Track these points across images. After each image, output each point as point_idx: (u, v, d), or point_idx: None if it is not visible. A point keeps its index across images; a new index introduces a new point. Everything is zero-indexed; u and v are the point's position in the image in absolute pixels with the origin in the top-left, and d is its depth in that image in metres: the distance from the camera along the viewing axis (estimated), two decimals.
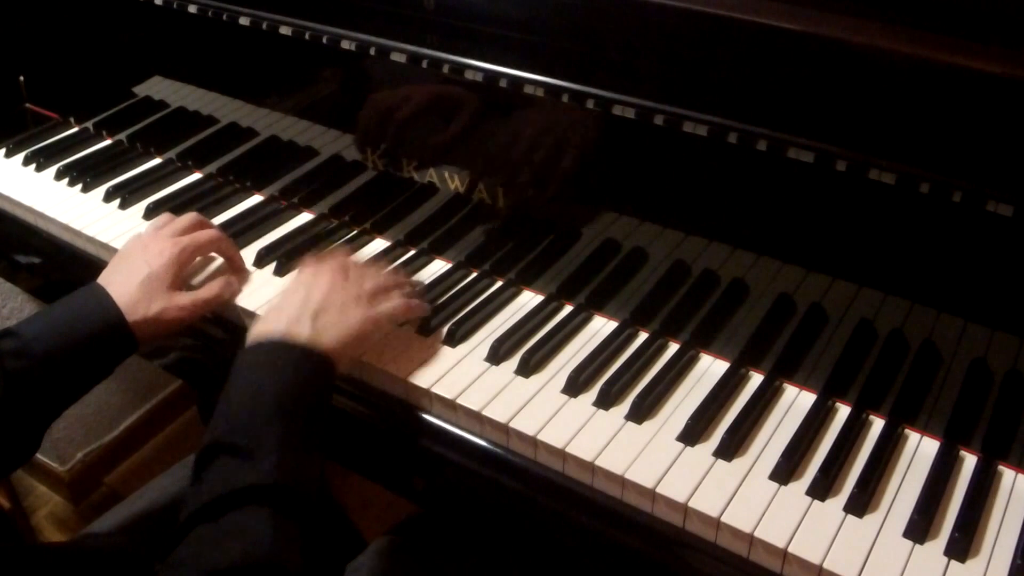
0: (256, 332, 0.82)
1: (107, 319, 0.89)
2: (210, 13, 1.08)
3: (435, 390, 0.88)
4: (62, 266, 1.17)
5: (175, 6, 1.11)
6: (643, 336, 0.95)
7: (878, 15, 0.77)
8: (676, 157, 0.87)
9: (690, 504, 0.76)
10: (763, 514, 0.76)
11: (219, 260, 1.05)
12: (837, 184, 0.78)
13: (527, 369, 0.90)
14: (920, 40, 0.75)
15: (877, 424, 0.85)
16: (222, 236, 1.02)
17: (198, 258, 1.01)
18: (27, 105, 1.40)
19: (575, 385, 0.88)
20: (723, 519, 0.75)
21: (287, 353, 0.80)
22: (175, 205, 1.15)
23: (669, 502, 0.77)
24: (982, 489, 0.78)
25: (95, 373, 0.90)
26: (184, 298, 0.94)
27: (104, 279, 0.93)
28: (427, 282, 1.03)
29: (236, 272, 1.03)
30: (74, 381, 0.88)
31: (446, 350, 0.93)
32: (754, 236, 0.87)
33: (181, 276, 0.96)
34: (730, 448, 0.81)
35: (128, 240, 1.01)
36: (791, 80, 0.81)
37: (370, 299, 0.88)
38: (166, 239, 0.97)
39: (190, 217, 1.02)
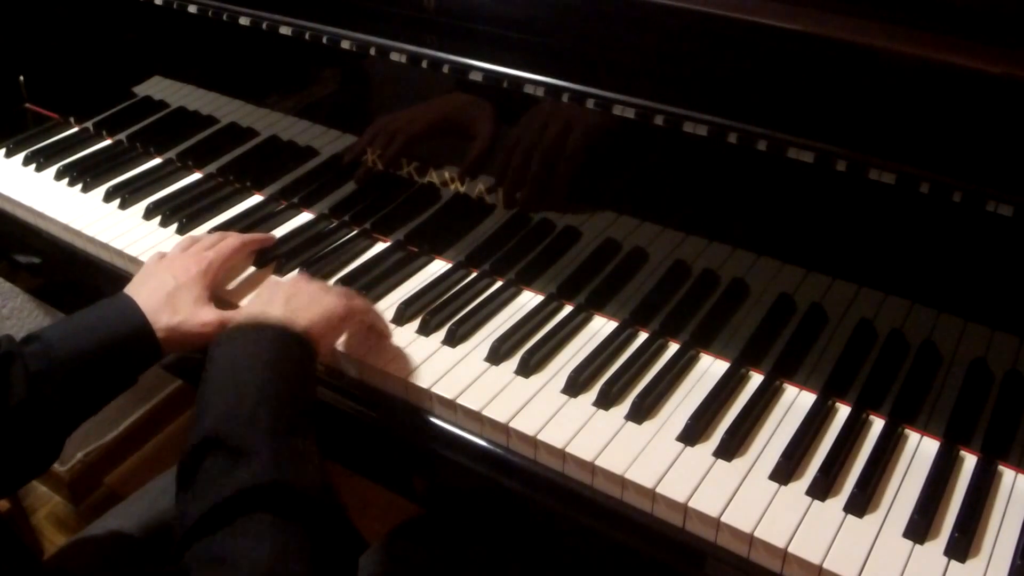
0: (229, 325, 0.81)
1: (131, 324, 0.88)
2: (210, 13, 1.08)
3: (435, 390, 0.88)
4: (62, 266, 1.17)
5: (175, 6, 1.11)
6: (643, 336, 0.95)
7: (878, 15, 0.77)
8: (676, 157, 0.87)
9: (690, 504, 0.76)
10: (763, 514, 0.76)
11: (250, 271, 1.05)
12: (837, 184, 0.78)
13: (527, 369, 0.90)
14: (920, 40, 0.75)
15: (877, 424, 0.85)
16: (244, 241, 1.02)
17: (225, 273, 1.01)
18: (27, 105, 1.40)
19: (575, 385, 0.88)
20: (723, 519, 0.75)
21: (261, 334, 0.77)
22: (175, 205, 1.16)
23: (669, 502, 0.77)
24: (982, 489, 0.78)
25: (117, 379, 0.89)
26: (209, 314, 0.92)
27: (130, 290, 0.93)
28: (427, 282, 1.03)
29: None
30: (96, 385, 0.87)
31: (446, 350, 0.93)
32: (754, 236, 0.87)
33: (210, 290, 0.95)
34: (730, 448, 0.81)
35: (150, 259, 1.00)
36: (791, 80, 0.81)
37: (340, 294, 0.88)
38: (191, 256, 0.97)
39: (214, 236, 1.03)
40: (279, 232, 1.12)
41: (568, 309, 0.99)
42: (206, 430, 0.71)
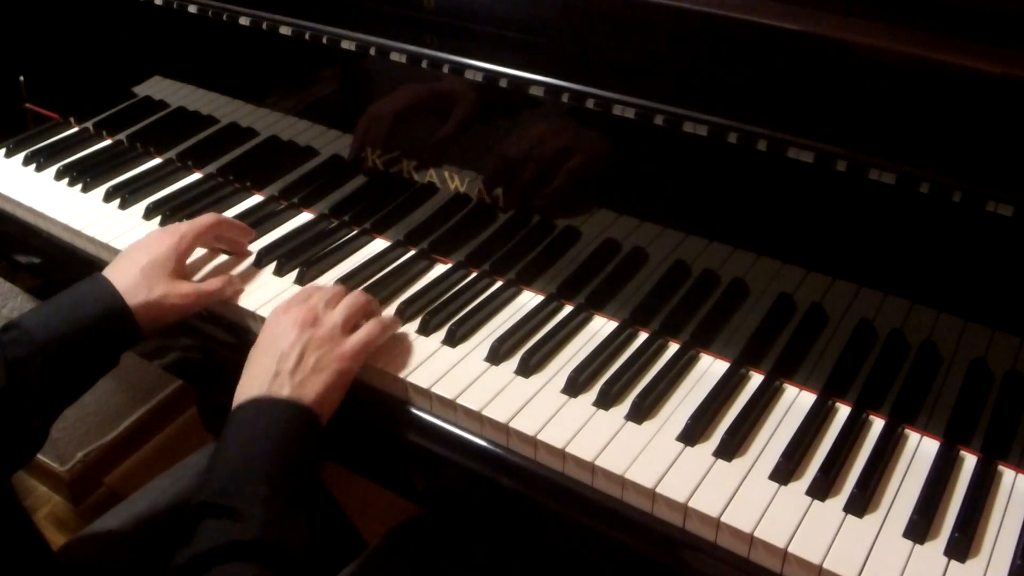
0: (239, 395, 0.82)
1: (107, 303, 0.89)
2: (210, 13, 1.08)
3: (435, 390, 0.88)
4: (62, 266, 1.17)
5: (175, 6, 1.11)
6: (643, 336, 0.95)
7: (878, 15, 0.77)
8: (676, 157, 0.87)
9: (690, 504, 0.76)
10: (763, 514, 0.76)
11: (223, 257, 1.05)
12: (837, 184, 0.78)
13: (527, 369, 0.90)
14: (920, 40, 0.75)
15: (877, 424, 0.85)
16: (220, 219, 1.03)
17: (199, 249, 1.02)
18: (27, 105, 1.40)
19: (575, 385, 0.88)
20: (723, 519, 0.75)
21: (271, 413, 0.79)
22: (175, 205, 1.15)
23: (669, 502, 0.77)
24: (982, 489, 0.78)
25: (98, 360, 0.89)
26: (186, 286, 0.94)
27: (106, 270, 0.94)
28: (427, 282, 1.03)
29: (240, 254, 1.06)
30: (77, 368, 0.87)
31: (446, 350, 0.93)
32: (754, 236, 0.87)
33: (183, 264, 0.96)
34: (730, 448, 0.81)
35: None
36: (791, 80, 0.81)
37: (344, 332, 0.87)
38: (164, 231, 0.98)
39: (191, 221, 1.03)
40: (279, 232, 1.12)
41: (568, 309, 0.99)
42: (208, 495, 0.74)
